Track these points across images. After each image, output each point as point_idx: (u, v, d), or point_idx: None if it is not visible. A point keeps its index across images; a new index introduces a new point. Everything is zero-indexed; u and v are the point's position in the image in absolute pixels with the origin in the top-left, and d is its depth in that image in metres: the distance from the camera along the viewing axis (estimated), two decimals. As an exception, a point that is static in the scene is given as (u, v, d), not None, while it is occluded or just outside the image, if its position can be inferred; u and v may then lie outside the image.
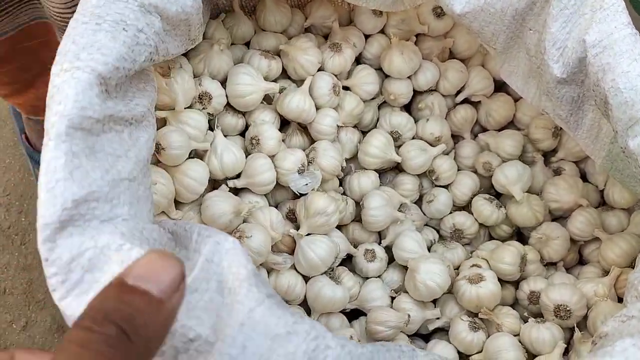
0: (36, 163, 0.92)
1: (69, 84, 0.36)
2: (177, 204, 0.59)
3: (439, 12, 0.72)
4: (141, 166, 0.38)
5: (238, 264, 0.37)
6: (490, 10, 0.57)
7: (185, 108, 0.60)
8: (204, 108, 0.62)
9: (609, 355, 0.36)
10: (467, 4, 0.58)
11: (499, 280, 0.64)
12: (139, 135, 0.40)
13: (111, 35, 0.40)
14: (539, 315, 0.63)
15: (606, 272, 0.63)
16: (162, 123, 0.59)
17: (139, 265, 0.27)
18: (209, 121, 0.63)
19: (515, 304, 0.67)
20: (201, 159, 0.61)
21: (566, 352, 0.59)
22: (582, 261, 0.70)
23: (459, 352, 0.62)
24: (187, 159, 0.58)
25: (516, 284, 0.67)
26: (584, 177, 0.73)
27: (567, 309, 0.59)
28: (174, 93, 0.58)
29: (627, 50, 0.51)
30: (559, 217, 0.71)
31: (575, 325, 0.59)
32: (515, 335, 0.60)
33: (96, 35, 0.39)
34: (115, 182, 0.35)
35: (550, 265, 0.69)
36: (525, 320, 0.62)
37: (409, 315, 0.61)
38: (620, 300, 0.61)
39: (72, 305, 0.32)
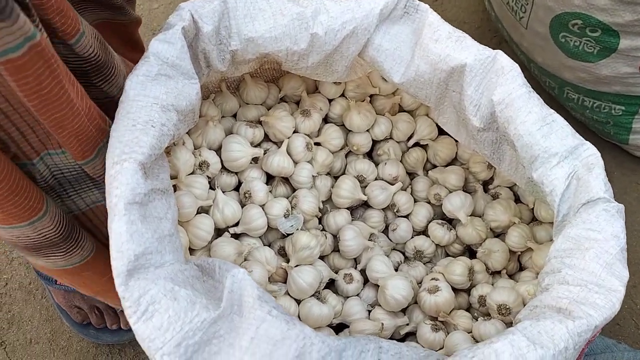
0: (44, 279, 1.04)
1: (121, 173, 0.51)
2: (191, 250, 0.73)
3: (386, 76, 0.89)
4: (175, 224, 0.53)
5: (247, 293, 0.51)
6: (420, 80, 0.73)
7: (188, 174, 0.75)
8: (203, 173, 0.77)
9: (511, 333, 0.50)
10: (403, 76, 0.74)
11: (453, 289, 0.79)
12: (170, 200, 0.55)
13: (144, 132, 0.55)
14: (487, 315, 0.78)
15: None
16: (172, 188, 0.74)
17: None
18: (209, 182, 0.78)
19: (469, 307, 0.82)
20: (206, 213, 0.76)
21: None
22: (521, 268, 0.85)
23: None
24: (196, 214, 0.73)
25: (469, 291, 0.82)
26: (517, 199, 0.89)
27: (507, 307, 0.74)
28: (175, 166, 0.72)
29: (523, 105, 0.66)
30: (499, 233, 0.87)
31: (513, 320, 0.74)
32: (469, 333, 0.75)
33: (133, 133, 0.55)
34: (161, 238, 0.50)
35: (496, 273, 0.85)
36: (476, 320, 0.77)
37: (382, 324, 0.76)
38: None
39: (141, 328, 0.46)
